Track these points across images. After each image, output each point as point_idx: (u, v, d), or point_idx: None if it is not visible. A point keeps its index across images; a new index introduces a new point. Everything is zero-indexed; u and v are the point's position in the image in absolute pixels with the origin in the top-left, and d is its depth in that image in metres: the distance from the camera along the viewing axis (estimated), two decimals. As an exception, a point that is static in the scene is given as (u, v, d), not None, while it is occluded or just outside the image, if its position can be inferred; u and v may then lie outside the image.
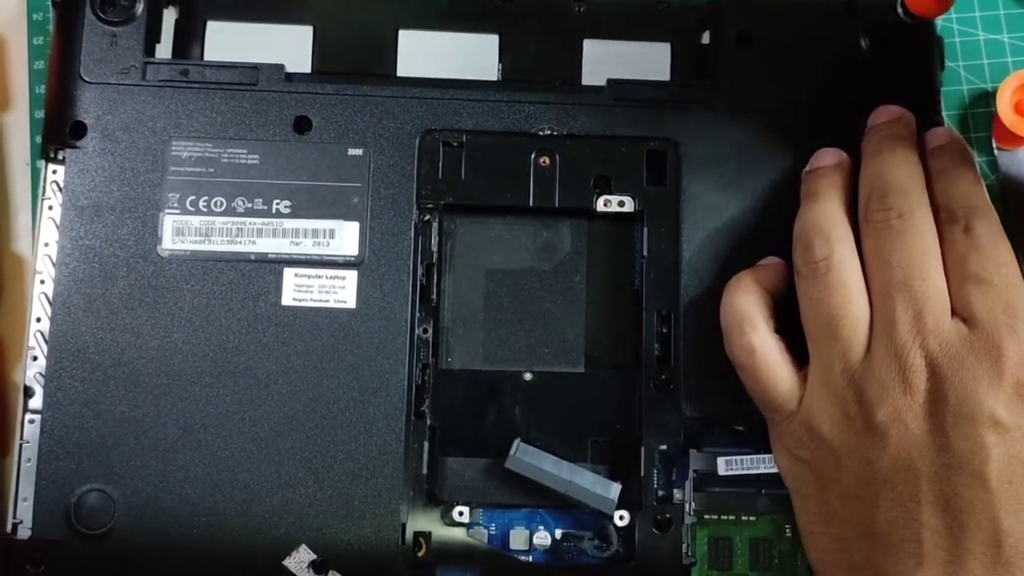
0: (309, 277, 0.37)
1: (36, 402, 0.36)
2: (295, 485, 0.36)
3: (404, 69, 0.41)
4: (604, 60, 0.41)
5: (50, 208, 0.38)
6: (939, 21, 0.41)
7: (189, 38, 0.41)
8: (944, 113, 0.40)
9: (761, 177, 0.39)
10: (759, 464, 0.37)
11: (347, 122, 0.38)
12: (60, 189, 0.38)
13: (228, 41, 0.41)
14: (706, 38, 0.41)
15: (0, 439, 0.40)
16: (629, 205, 0.39)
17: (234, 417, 0.36)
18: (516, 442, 0.37)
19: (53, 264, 0.37)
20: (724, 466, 0.37)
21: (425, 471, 0.37)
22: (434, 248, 0.39)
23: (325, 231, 0.38)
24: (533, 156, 0.39)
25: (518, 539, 0.37)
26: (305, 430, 0.36)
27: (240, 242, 0.38)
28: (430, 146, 0.39)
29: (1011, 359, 0.32)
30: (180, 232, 0.38)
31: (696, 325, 0.38)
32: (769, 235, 0.38)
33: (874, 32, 0.40)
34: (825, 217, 0.35)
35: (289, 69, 0.39)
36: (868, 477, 0.33)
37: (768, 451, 0.37)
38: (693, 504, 0.37)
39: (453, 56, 0.41)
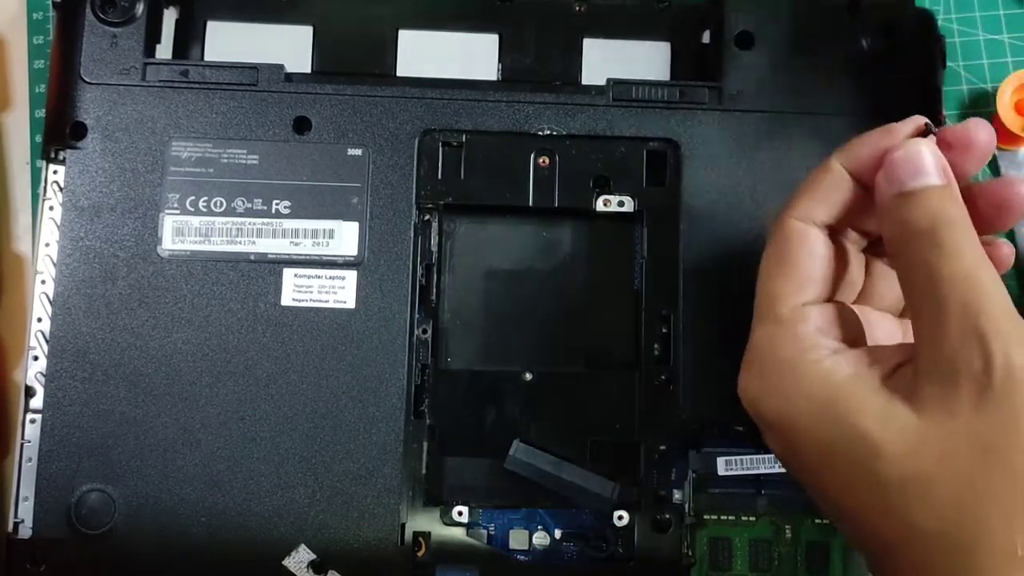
0: (309, 277, 0.37)
1: (37, 402, 0.37)
2: (295, 485, 0.36)
3: (404, 69, 0.41)
4: (604, 60, 0.41)
5: (50, 208, 0.38)
6: (939, 21, 0.41)
7: (189, 38, 0.41)
8: (944, 113, 0.40)
9: (761, 177, 0.39)
10: (759, 464, 0.37)
11: (346, 122, 0.38)
12: (60, 189, 0.38)
13: (228, 41, 0.41)
14: (706, 38, 0.41)
15: (1, 439, 0.40)
16: (629, 205, 0.39)
17: (234, 417, 0.36)
18: (515, 442, 0.37)
19: (54, 264, 0.37)
20: (724, 466, 0.37)
21: (424, 471, 0.37)
22: (433, 248, 0.39)
23: (325, 231, 0.38)
24: (533, 156, 0.39)
25: (517, 539, 0.38)
26: (304, 430, 0.36)
27: (240, 242, 0.38)
28: (429, 146, 0.39)
29: None
30: (180, 232, 0.38)
31: (696, 325, 0.38)
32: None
33: (875, 32, 0.40)
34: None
35: (289, 69, 0.39)
36: None
37: (768, 451, 0.37)
38: (692, 504, 0.37)
39: (453, 56, 0.41)
